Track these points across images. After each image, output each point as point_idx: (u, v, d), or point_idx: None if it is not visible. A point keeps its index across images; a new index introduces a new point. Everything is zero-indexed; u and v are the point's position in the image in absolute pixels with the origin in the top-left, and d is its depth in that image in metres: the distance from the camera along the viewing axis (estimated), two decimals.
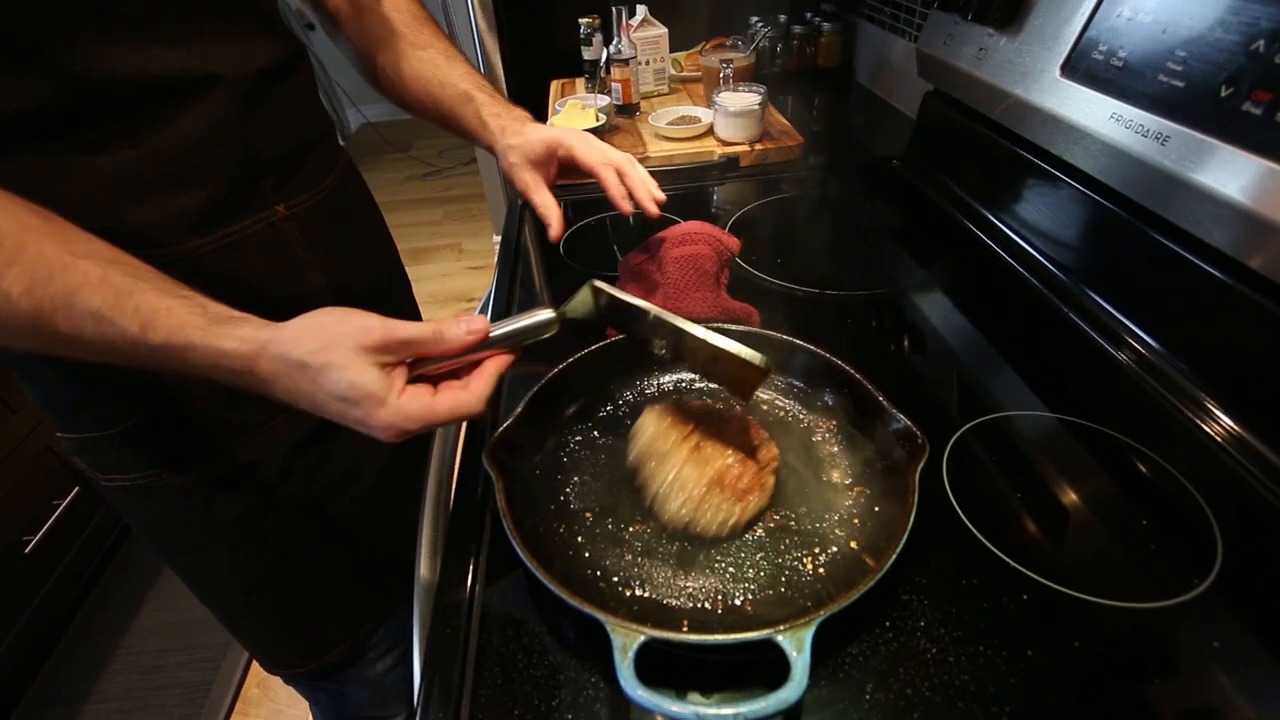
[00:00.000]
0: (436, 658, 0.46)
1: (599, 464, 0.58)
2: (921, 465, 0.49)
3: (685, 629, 0.44)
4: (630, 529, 0.52)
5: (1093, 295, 0.74)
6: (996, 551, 0.50)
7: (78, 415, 0.54)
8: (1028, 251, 0.83)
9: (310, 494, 0.62)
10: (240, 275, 0.52)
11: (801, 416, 0.62)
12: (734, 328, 0.66)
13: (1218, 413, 0.59)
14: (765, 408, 0.63)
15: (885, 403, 0.55)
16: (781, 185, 1.11)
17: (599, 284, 0.53)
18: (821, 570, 0.48)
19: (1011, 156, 0.86)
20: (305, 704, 0.87)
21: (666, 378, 0.67)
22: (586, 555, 0.51)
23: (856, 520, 0.52)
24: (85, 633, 1.56)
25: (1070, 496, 0.55)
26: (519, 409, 0.56)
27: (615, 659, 0.39)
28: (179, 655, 1.53)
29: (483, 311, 0.89)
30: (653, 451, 0.53)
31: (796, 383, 0.63)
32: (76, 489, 1.51)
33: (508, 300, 0.85)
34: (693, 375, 0.66)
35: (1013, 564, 0.49)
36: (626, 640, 0.40)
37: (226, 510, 0.59)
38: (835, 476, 0.56)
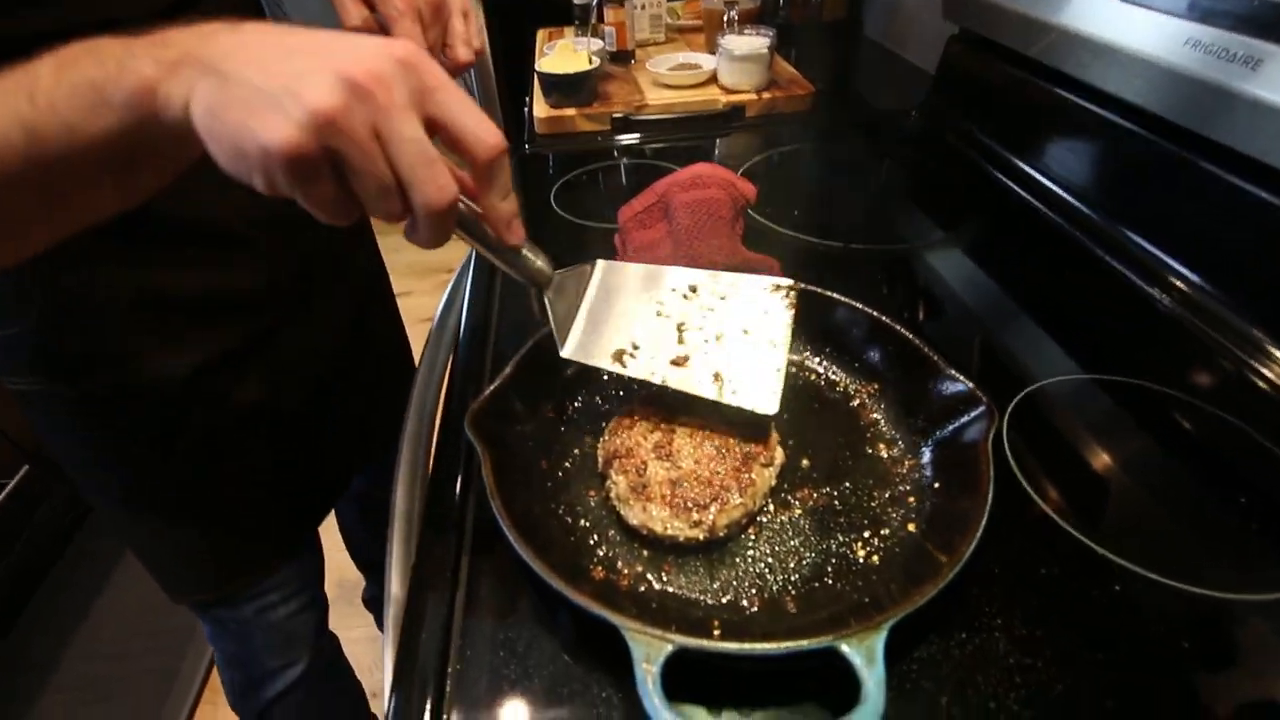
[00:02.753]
0: (408, 664, 0.38)
1: (603, 434, 0.49)
2: (992, 435, 0.42)
3: (719, 633, 0.36)
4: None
5: (1144, 244, 0.66)
6: (1077, 535, 0.42)
7: None
8: (1065, 199, 0.75)
9: (221, 420, 0.58)
10: None
11: (837, 380, 0.53)
12: (757, 279, 0.57)
13: None
14: (794, 370, 0.55)
15: (941, 363, 0.47)
16: (792, 137, 1.02)
17: (603, 263, 0.45)
18: (875, 558, 0.41)
19: (1048, 97, 0.78)
20: None
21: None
22: (592, 541, 0.43)
23: (912, 499, 0.44)
24: (42, 618, 1.46)
25: (1153, 469, 0.48)
26: (508, 370, 0.47)
27: (636, 673, 0.31)
28: (143, 641, 1.43)
29: (458, 282, 0.78)
30: (616, 450, 0.45)
31: (830, 342, 0.55)
32: (25, 468, 1.40)
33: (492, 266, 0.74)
34: None
35: (1099, 550, 0.41)
36: (650, 650, 0.32)
37: (127, 427, 0.56)
38: (881, 449, 0.48)
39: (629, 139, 1.04)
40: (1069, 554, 0.41)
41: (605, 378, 0.54)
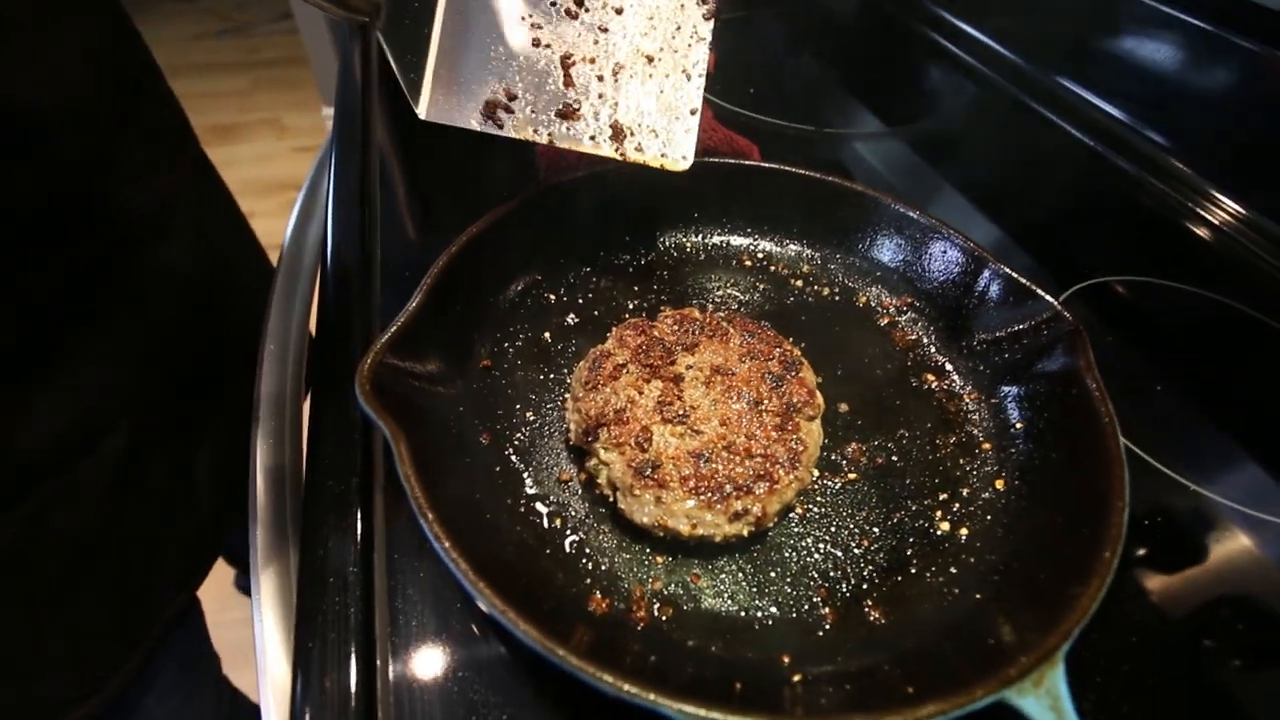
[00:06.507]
0: None
1: (572, 386, 0.35)
2: (1092, 360, 0.32)
3: (796, 686, 0.24)
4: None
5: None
6: (1191, 485, 0.34)
7: None
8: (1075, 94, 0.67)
9: None
10: None
11: (857, 292, 0.41)
12: (741, 164, 0.43)
13: None
14: (800, 284, 0.42)
15: (1010, 274, 0.36)
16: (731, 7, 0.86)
17: None
18: (963, 531, 0.30)
19: None
20: None
21: (672, 239, 0.43)
22: (577, 551, 0.29)
23: (987, 445, 0.33)
24: None
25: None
26: (415, 301, 0.31)
27: None
28: None
29: (313, 192, 0.56)
30: (601, 414, 0.30)
31: (843, 244, 0.43)
32: None
33: (361, 185, 0.51)
34: (704, 236, 0.44)
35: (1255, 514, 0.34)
36: None
37: None
38: (930, 380, 0.37)
39: None
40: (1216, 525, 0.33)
41: (551, 298, 0.39)
